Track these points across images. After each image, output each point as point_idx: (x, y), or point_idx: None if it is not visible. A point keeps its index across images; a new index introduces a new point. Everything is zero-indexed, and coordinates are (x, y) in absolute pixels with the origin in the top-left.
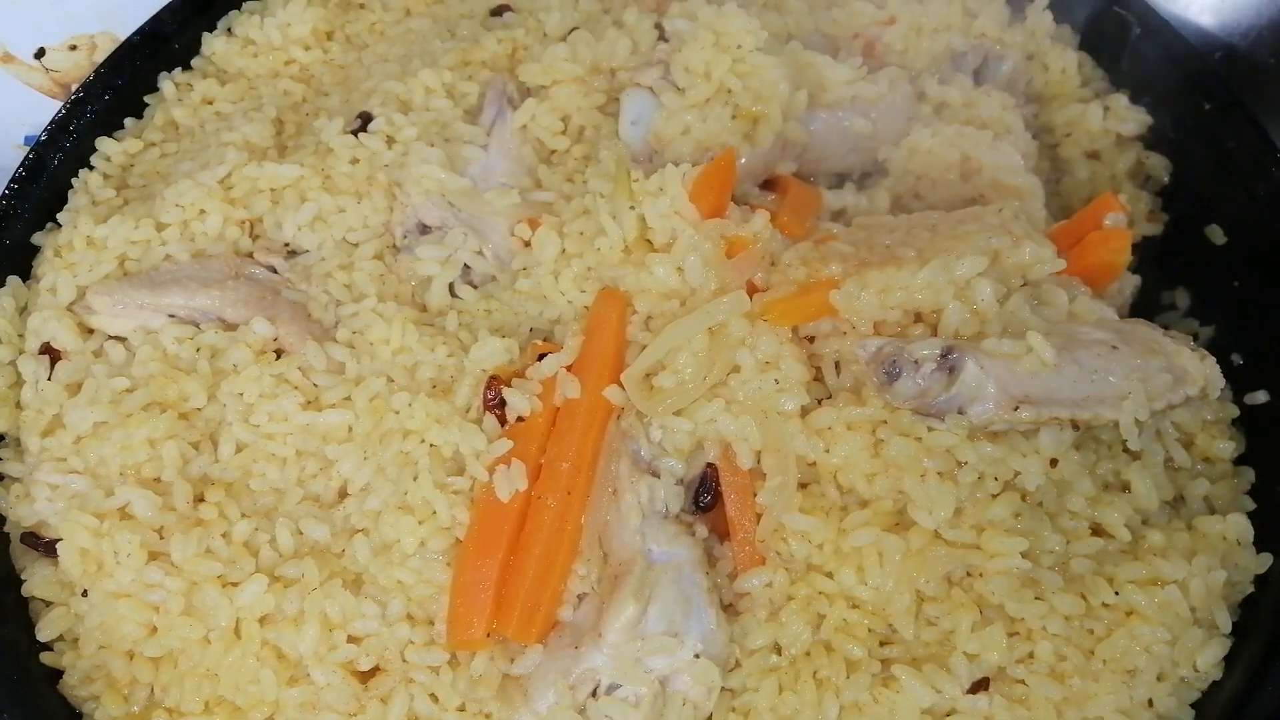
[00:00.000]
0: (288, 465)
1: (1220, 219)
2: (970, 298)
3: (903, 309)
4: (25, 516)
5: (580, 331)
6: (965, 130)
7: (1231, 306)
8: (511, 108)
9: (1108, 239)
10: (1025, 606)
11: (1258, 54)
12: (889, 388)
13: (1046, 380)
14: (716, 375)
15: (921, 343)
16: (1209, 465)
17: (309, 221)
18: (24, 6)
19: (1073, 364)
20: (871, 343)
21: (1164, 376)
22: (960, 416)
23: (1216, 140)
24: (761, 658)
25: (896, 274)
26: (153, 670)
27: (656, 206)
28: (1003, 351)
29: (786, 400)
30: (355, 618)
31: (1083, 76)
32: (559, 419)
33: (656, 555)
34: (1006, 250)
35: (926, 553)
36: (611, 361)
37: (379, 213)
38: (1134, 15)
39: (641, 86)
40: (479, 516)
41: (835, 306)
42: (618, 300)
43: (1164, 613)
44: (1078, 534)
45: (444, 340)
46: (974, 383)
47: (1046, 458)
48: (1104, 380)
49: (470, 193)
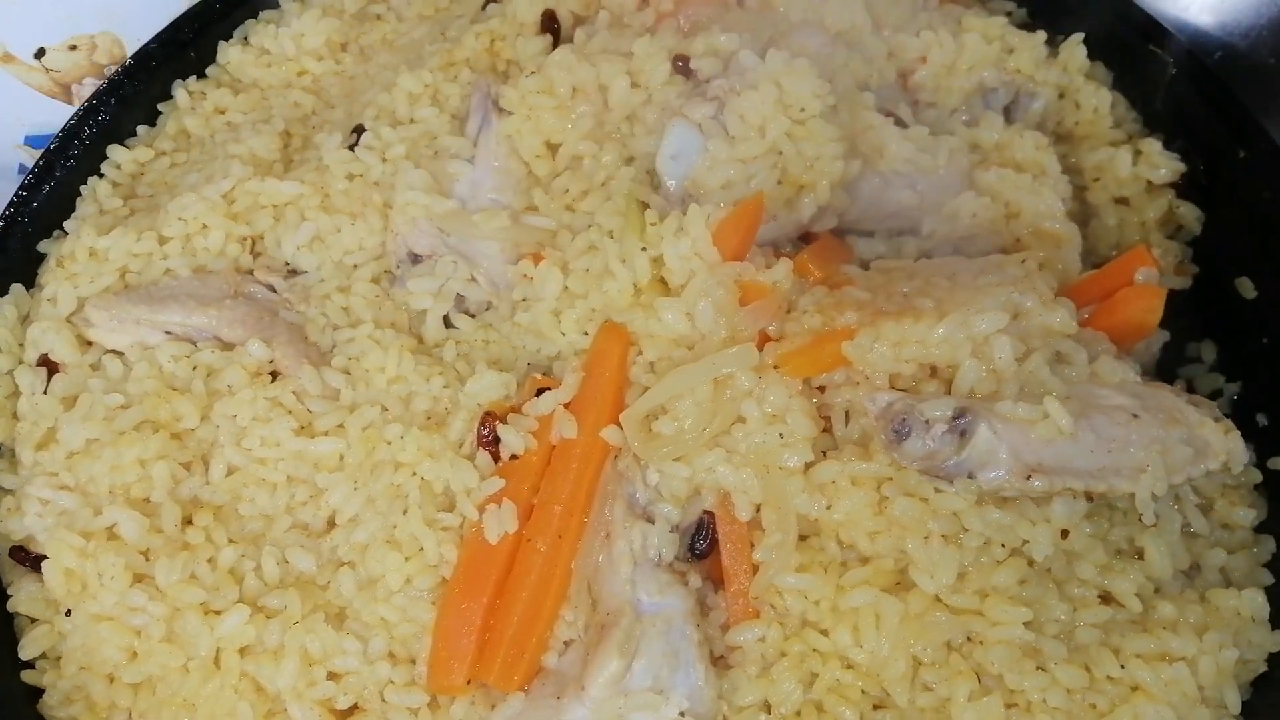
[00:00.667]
0: (278, 491)
1: (1251, 271)
2: (988, 355)
3: (918, 363)
4: (15, 530)
5: (580, 368)
6: (1005, 173)
7: (1260, 363)
8: (497, 110)
9: (1141, 296)
10: (1026, 678)
11: (1258, 54)
12: (897, 446)
13: (1062, 448)
14: (718, 427)
15: (933, 402)
16: (1228, 532)
17: (307, 241)
18: (24, 6)
19: (1090, 432)
20: (882, 397)
21: (1185, 450)
22: (970, 481)
23: (1251, 189)
24: (750, 716)
25: (913, 326)
26: (132, 695)
27: (677, 247)
28: (1018, 416)
29: (790, 456)
30: (336, 654)
31: (1115, 117)
32: (554, 459)
33: (646, 606)
34: (1029, 307)
35: (925, 618)
36: (611, 401)
37: (375, 234)
38: (1170, 55)
39: (690, 121)
40: (466, 557)
41: (848, 357)
42: (620, 337)
43: (1170, 690)
44: (1085, 602)
45: (440, 371)
46: (986, 447)
47: (1058, 527)
48: (1122, 451)
49: (458, 215)
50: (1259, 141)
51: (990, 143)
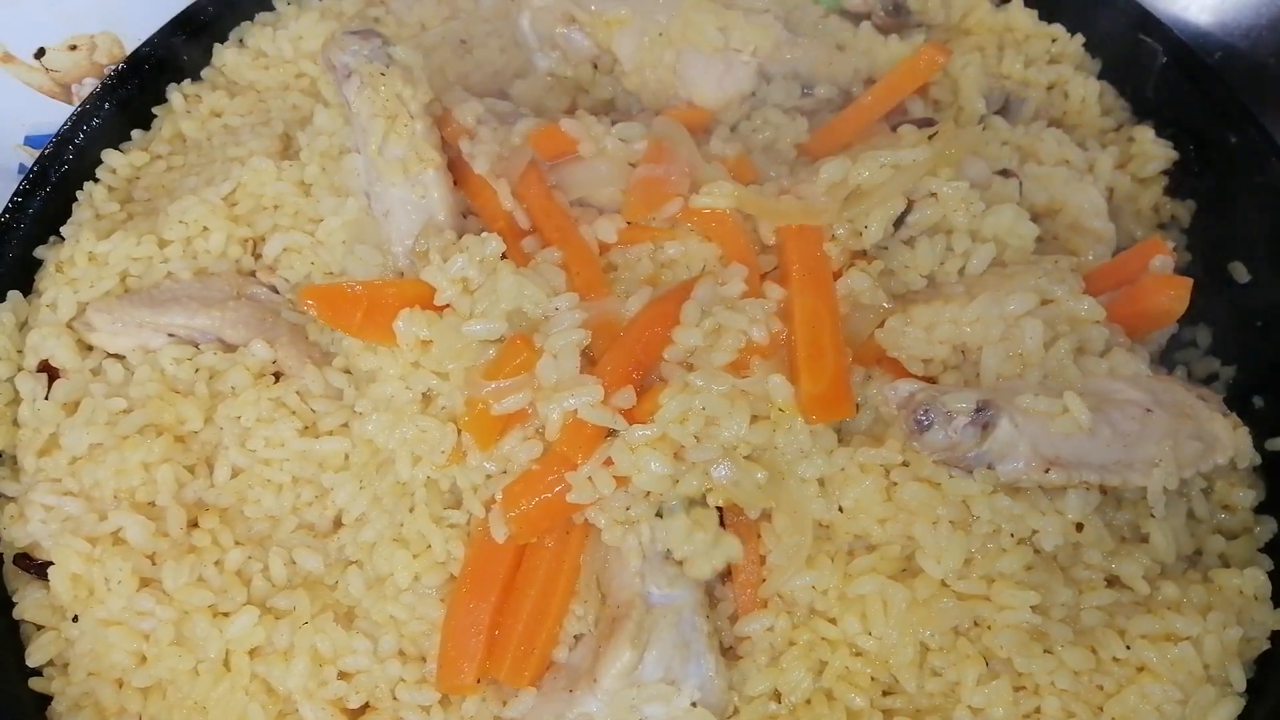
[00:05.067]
0: (283, 492)
1: (1244, 256)
2: (1018, 336)
3: (951, 344)
4: (19, 537)
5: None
6: (1051, 169)
7: (1254, 347)
8: (345, 78)
9: (1167, 285)
10: (1033, 661)
11: (1258, 54)
12: (918, 437)
13: (1079, 443)
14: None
15: (956, 394)
16: (1228, 514)
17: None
18: (24, 6)
19: (1106, 426)
20: (904, 386)
21: (1195, 444)
22: (989, 472)
23: (1242, 175)
24: (760, 705)
25: (944, 308)
26: (141, 700)
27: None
28: (1038, 409)
29: (807, 467)
30: (346, 653)
31: (1103, 106)
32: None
33: (656, 598)
34: (1059, 295)
35: (933, 604)
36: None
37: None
38: (1161, 43)
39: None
40: (474, 555)
41: (881, 346)
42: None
43: (1176, 669)
44: (1091, 585)
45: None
46: (1007, 440)
47: (1070, 519)
48: (1136, 446)
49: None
50: (1249, 127)
51: (1026, 145)
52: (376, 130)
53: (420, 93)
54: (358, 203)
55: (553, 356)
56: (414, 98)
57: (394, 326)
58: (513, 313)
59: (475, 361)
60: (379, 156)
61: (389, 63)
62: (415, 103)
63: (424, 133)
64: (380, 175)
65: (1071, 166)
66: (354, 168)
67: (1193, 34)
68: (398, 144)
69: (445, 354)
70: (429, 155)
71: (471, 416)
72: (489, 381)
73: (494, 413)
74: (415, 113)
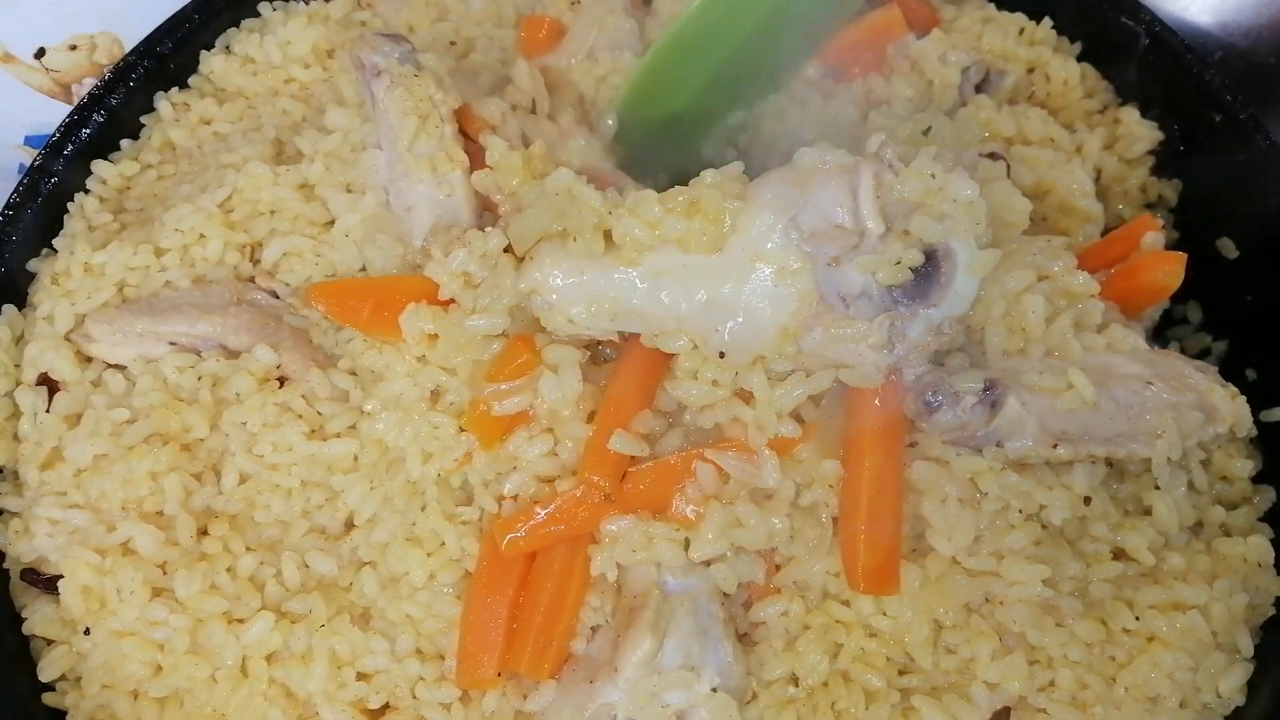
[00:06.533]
0: (293, 496)
1: (1232, 232)
2: (1020, 311)
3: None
4: (25, 553)
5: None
6: (1037, 150)
7: (1245, 321)
8: (375, 76)
9: (1161, 261)
10: (1046, 634)
11: (1258, 54)
12: (927, 418)
13: (1085, 417)
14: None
15: (963, 374)
16: (1227, 484)
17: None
18: (24, 6)
19: (1110, 400)
20: (910, 369)
21: (1195, 414)
22: (998, 450)
23: (1227, 152)
24: (779, 689)
25: None
26: (158, 711)
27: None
28: (1044, 385)
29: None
30: (364, 654)
31: (1086, 88)
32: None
33: (671, 586)
34: (1055, 271)
35: (945, 581)
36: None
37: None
38: (1142, 26)
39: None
40: (488, 551)
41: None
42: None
43: (1185, 638)
44: (1098, 558)
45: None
46: (1015, 417)
47: (1077, 493)
48: (1139, 418)
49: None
50: (1232, 106)
51: (1011, 128)
52: (408, 127)
53: (450, 98)
54: (375, 198)
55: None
56: (444, 102)
57: (399, 320)
58: (515, 308)
59: (480, 355)
60: (408, 153)
61: (419, 68)
62: (445, 107)
63: (453, 135)
64: (407, 171)
65: (1057, 146)
66: (372, 164)
67: (1193, 34)
68: (428, 143)
69: (450, 348)
70: (459, 156)
71: (474, 417)
72: (490, 384)
73: (495, 414)
74: (445, 116)
